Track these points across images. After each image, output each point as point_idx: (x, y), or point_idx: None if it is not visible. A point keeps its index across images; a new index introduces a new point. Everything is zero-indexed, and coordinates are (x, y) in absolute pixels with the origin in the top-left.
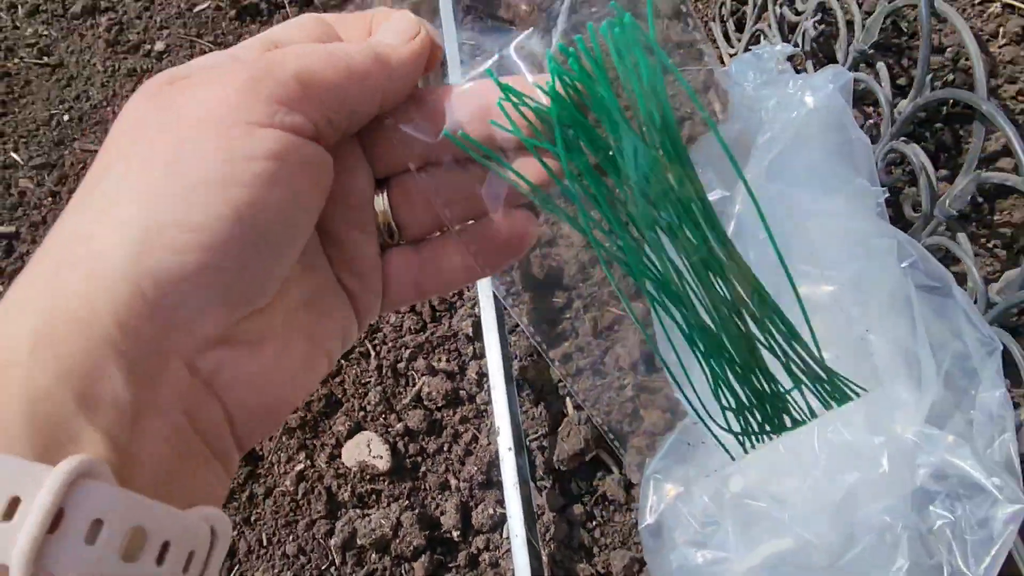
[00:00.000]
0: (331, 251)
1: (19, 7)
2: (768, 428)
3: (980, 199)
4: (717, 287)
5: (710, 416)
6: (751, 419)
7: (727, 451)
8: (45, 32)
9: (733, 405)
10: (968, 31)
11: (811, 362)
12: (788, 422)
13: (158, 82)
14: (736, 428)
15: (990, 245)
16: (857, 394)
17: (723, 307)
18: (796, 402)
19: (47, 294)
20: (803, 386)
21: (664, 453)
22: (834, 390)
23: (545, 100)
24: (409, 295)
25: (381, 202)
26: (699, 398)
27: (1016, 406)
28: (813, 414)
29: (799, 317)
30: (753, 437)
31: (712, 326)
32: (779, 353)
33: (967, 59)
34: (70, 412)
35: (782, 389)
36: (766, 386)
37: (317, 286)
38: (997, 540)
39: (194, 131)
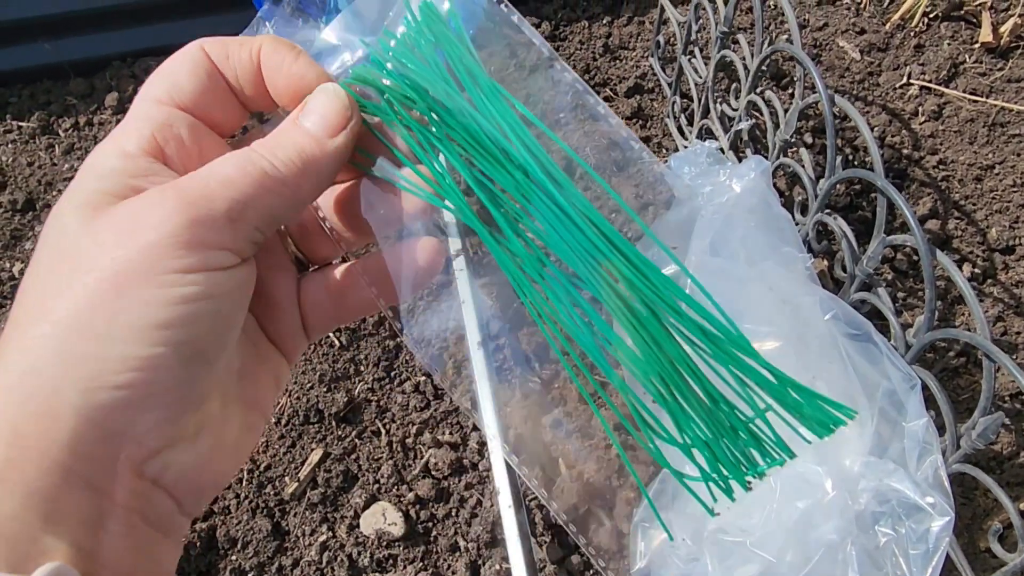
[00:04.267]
0: (255, 305)
1: None
2: (744, 470)
3: (916, 258)
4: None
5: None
6: (719, 459)
7: (707, 509)
8: None
9: (688, 440)
10: (863, 122)
11: (772, 377)
12: (761, 461)
13: (90, 203)
14: (706, 470)
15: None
16: (850, 416)
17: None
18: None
19: (6, 425)
20: (772, 411)
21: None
22: (815, 414)
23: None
24: (329, 322)
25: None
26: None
27: (939, 431)
28: (788, 451)
29: None
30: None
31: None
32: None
33: (892, 136)
34: (37, 530)
35: (744, 416)
36: (716, 406)
37: (247, 352)
38: (935, 552)
39: (129, 276)
